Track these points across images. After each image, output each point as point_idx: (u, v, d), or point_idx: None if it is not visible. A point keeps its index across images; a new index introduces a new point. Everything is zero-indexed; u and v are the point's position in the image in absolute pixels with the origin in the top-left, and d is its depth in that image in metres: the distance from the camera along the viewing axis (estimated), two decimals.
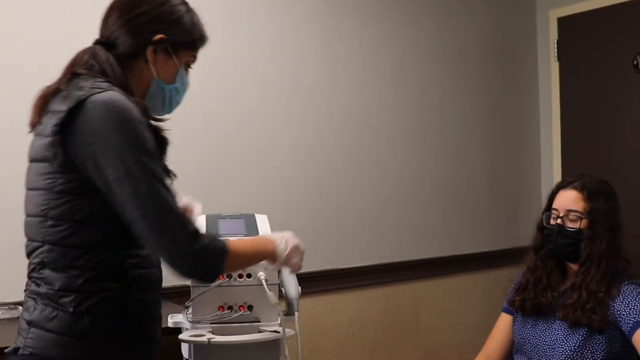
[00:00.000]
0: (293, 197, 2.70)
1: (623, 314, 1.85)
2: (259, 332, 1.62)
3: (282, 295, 1.72)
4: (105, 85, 1.29)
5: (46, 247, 1.29)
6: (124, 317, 1.31)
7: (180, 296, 1.94)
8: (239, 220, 1.79)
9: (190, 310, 1.65)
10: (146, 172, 1.25)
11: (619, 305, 1.86)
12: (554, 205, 2.00)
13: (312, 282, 2.61)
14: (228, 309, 1.63)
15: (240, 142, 2.60)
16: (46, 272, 1.29)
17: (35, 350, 1.27)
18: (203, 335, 1.55)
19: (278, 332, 1.60)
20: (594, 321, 1.85)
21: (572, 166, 3.38)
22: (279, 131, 2.70)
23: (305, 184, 2.75)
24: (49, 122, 1.28)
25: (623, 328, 1.85)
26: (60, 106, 1.27)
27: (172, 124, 2.47)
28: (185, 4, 1.44)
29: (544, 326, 1.98)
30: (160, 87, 1.42)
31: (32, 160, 1.34)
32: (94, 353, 1.29)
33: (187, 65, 1.48)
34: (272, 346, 1.63)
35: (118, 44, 1.37)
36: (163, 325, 1.58)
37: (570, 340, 1.89)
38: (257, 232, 1.76)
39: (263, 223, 1.81)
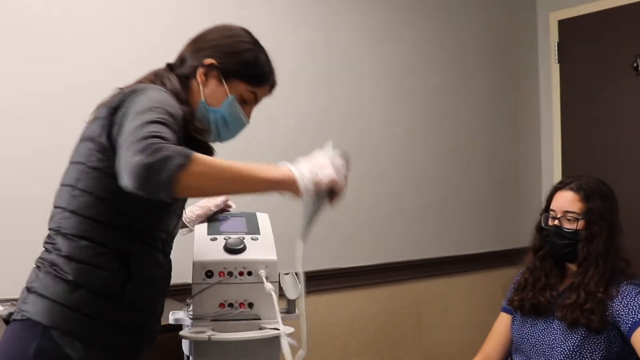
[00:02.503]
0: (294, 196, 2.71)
1: (622, 314, 1.85)
2: (259, 329, 1.63)
3: (283, 295, 1.74)
4: (162, 88, 1.41)
5: (66, 213, 1.36)
6: (119, 302, 1.35)
7: (181, 294, 1.95)
8: (241, 218, 1.80)
9: (191, 308, 1.66)
10: (151, 110, 1.25)
11: (618, 305, 1.87)
12: (552, 207, 2.01)
13: (314, 281, 2.61)
14: (229, 307, 1.64)
15: (242, 141, 2.61)
16: (59, 239, 1.35)
17: (29, 315, 1.31)
18: (203, 332, 1.57)
19: (278, 329, 1.62)
20: (593, 321, 1.85)
21: (572, 167, 3.39)
22: (280, 130, 2.71)
23: None
24: (103, 109, 1.37)
25: (622, 328, 1.85)
26: (114, 98, 1.38)
27: None
28: (254, 43, 1.54)
29: (543, 326, 1.98)
30: (205, 109, 1.49)
31: (81, 139, 1.42)
32: (84, 328, 1.31)
33: (244, 101, 1.54)
34: (272, 343, 1.64)
35: (182, 65, 1.52)
36: (164, 322, 1.60)
37: (569, 340, 1.90)
38: (258, 231, 1.78)
39: (264, 221, 1.82)
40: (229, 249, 1.68)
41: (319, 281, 2.73)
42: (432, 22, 3.20)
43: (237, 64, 1.50)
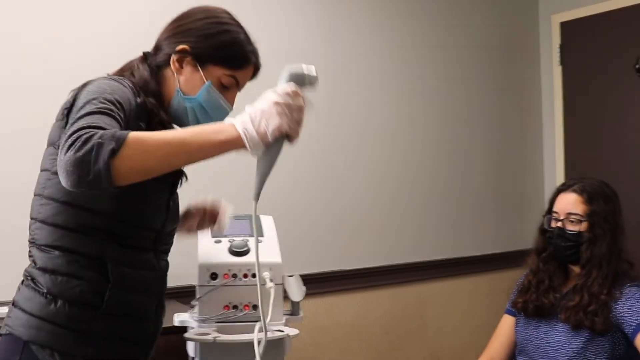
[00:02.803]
0: (298, 199, 2.72)
1: (626, 316, 1.85)
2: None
3: (286, 297, 1.74)
4: (115, 77, 1.34)
5: (37, 224, 1.31)
6: (100, 311, 1.28)
7: (186, 296, 1.96)
8: (245, 220, 1.81)
9: (196, 310, 1.67)
10: (88, 103, 1.19)
11: (622, 307, 1.87)
12: (555, 208, 2.01)
13: (317, 284, 2.62)
14: (233, 308, 1.65)
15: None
16: (34, 250, 1.31)
17: (11, 329, 1.28)
18: (208, 334, 1.58)
19: (282, 331, 1.63)
20: (597, 323, 1.85)
21: (575, 169, 3.40)
22: None
23: (310, 185, 2.77)
24: (60, 110, 1.31)
25: (626, 330, 1.85)
26: (69, 98, 1.31)
27: None
28: (231, 24, 1.43)
29: (547, 328, 1.98)
30: (181, 98, 1.40)
31: (47, 145, 1.36)
32: (62, 341, 1.26)
33: (224, 87, 1.42)
34: (277, 345, 1.65)
35: (157, 54, 1.43)
36: (169, 325, 1.61)
37: (573, 342, 1.90)
38: (262, 233, 1.78)
39: (268, 224, 1.83)
40: (234, 252, 1.69)
41: (322, 283, 2.74)
42: (435, 25, 3.21)
43: (212, 47, 1.39)
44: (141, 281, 1.34)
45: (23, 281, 1.31)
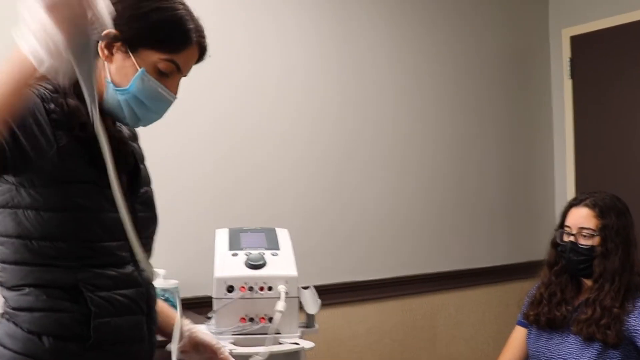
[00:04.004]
0: (313, 211, 2.74)
1: (638, 330, 1.86)
2: (279, 343, 1.65)
3: (302, 309, 1.76)
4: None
5: None
6: (90, 340, 1.17)
7: (202, 307, 1.98)
8: (260, 233, 1.84)
9: (212, 322, 1.69)
10: None
11: (634, 320, 1.87)
12: (567, 223, 2.02)
13: (330, 294, 2.64)
14: (249, 321, 1.66)
15: (262, 157, 2.65)
16: (4, 292, 1.20)
17: None
18: (224, 346, 1.59)
19: (298, 344, 1.64)
20: (609, 336, 1.86)
21: (586, 182, 3.39)
22: (298, 146, 2.75)
23: (324, 197, 2.79)
24: None
25: (638, 343, 1.85)
26: None
27: (197, 137, 2.51)
28: (169, 1, 1.22)
29: (559, 340, 1.99)
30: (113, 91, 1.21)
31: None
32: None
33: (163, 73, 1.21)
34: (292, 357, 1.66)
35: None
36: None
37: (584, 354, 1.91)
38: (277, 246, 1.80)
39: (284, 237, 1.85)
40: (250, 265, 1.71)
41: (336, 294, 2.75)
42: (446, 39, 3.22)
43: (142, 28, 1.18)
44: (126, 302, 1.23)
45: (3, 314, 1.20)
